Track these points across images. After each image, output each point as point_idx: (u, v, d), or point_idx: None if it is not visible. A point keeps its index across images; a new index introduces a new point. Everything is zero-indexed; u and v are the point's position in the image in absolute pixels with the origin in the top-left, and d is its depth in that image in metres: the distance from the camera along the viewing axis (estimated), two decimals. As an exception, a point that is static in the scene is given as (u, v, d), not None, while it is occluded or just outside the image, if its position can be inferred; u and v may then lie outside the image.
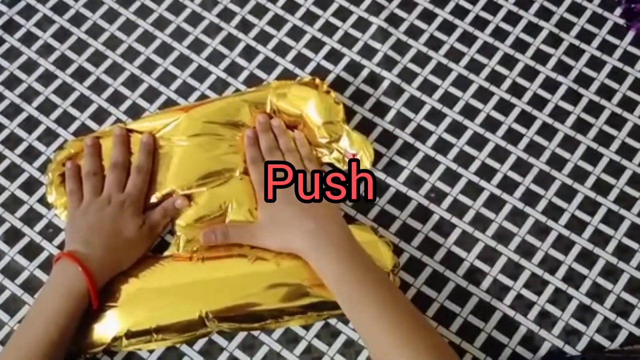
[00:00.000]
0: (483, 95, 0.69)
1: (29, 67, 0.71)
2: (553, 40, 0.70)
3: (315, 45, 0.71)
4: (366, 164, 0.64)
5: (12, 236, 0.65)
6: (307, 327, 0.60)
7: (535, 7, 0.71)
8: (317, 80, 0.67)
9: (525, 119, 0.68)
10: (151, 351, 0.60)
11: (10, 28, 0.72)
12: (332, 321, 0.61)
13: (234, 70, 0.70)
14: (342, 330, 0.60)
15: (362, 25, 0.71)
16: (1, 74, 0.70)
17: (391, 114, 0.68)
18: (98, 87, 0.70)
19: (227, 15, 0.72)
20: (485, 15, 0.71)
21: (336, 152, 0.65)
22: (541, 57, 0.70)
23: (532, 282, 0.62)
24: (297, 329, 0.60)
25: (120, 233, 0.60)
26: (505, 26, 0.71)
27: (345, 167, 0.65)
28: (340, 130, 0.64)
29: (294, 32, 0.71)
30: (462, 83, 0.69)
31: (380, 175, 0.66)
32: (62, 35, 0.72)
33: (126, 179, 0.63)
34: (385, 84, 0.69)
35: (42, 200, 0.66)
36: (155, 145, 0.65)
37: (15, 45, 0.72)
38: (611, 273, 0.62)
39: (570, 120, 0.67)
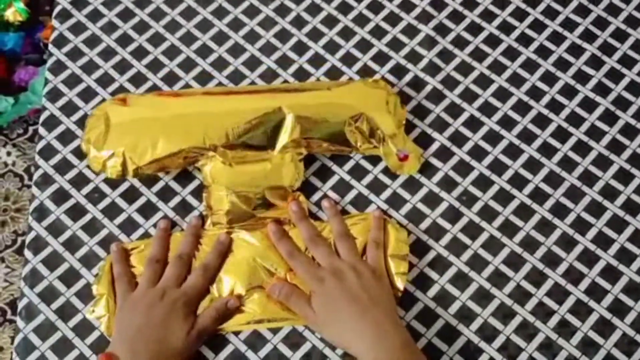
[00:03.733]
0: (522, 108, 0.71)
1: (92, 42, 0.75)
2: (595, 63, 0.72)
3: (364, 46, 0.74)
4: (412, 169, 0.67)
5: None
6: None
7: (580, 30, 0.74)
8: (383, 83, 0.70)
9: (561, 135, 0.69)
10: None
11: (78, 4, 0.77)
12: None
13: (283, 62, 0.73)
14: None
15: (410, 31, 0.74)
16: (66, 45, 0.75)
17: (431, 118, 0.70)
18: (154, 65, 0.74)
19: (282, 10, 0.76)
20: (530, 32, 0.74)
21: (388, 147, 0.66)
22: (582, 77, 0.72)
23: (554, 291, 0.64)
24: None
25: (167, 341, 0.58)
26: (549, 45, 0.73)
27: (391, 164, 0.67)
28: (399, 130, 0.67)
29: (344, 32, 0.75)
30: (502, 95, 0.71)
31: (415, 174, 0.68)
32: (125, 15, 0.76)
33: (187, 274, 0.62)
34: (427, 89, 0.72)
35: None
36: (230, 247, 0.64)
37: (82, 20, 0.76)
38: (634, 291, 0.63)
39: (605, 140, 0.69)
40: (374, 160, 0.69)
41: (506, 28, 0.74)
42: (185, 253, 0.63)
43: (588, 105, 0.71)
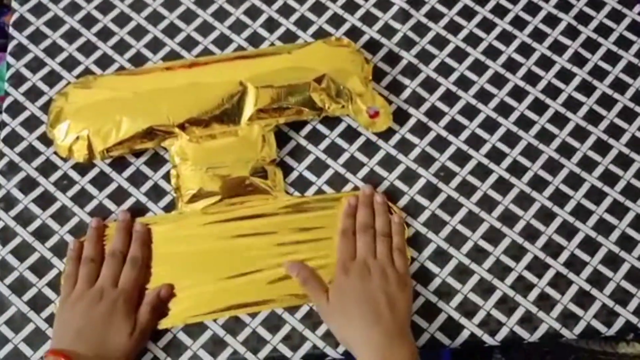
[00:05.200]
0: (498, 81, 0.70)
1: (54, 23, 0.72)
2: (571, 33, 0.71)
3: (336, 21, 0.72)
4: (383, 125, 0.66)
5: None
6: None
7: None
8: (346, 40, 0.69)
9: (538, 107, 0.69)
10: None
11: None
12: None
13: (253, 39, 0.71)
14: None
15: (384, 5, 0.73)
16: (27, 27, 0.72)
17: (407, 93, 0.69)
18: (121, 46, 0.71)
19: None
20: (505, 3, 0.72)
21: (356, 105, 0.65)
22: (558, 48, 0.71)
23: (534, 264, 0.63)
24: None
25: (109, 343, 0.56)
26: (524, 15, 0.72)
27: (362, 122, 0.66)
28: (366, 88, 0.66)
29: (316, 7, 0.73)
30: (478, 68, 0.70)
31: (392, 151, 0.67)
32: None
33: (122, 271, 0.61)
34: (402, 64, 0.70)
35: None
36: (150, 235, 0.63)
37: (43, 1, 0.73)
38: (612, 261, 0.63)
39: (583, 110, 0.68)
40: (350, 138, 0.68)
41: (481, -1, 0.73)
42: (117, 250, 0.62)
43: (565, 76, 0.70)
